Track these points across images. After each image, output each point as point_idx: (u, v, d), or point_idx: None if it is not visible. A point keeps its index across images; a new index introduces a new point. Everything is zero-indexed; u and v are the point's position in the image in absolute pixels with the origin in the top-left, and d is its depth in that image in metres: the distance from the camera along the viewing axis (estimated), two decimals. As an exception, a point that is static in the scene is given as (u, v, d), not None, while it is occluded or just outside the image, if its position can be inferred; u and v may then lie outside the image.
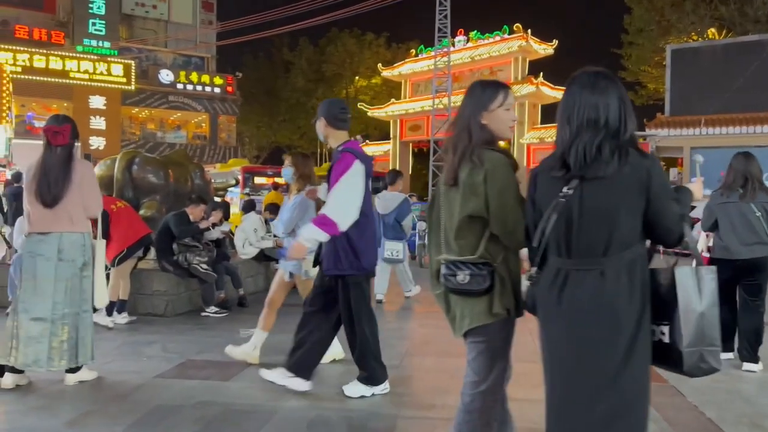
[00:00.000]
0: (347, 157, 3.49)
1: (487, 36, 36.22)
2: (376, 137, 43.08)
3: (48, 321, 3.69)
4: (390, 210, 7.35)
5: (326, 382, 4.01)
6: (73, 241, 3.76)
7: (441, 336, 5.62)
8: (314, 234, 3.35)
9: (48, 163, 3.73)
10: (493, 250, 2.24)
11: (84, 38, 34.22)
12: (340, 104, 3.75)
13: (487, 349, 2.31)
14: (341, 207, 3.38)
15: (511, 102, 2.35)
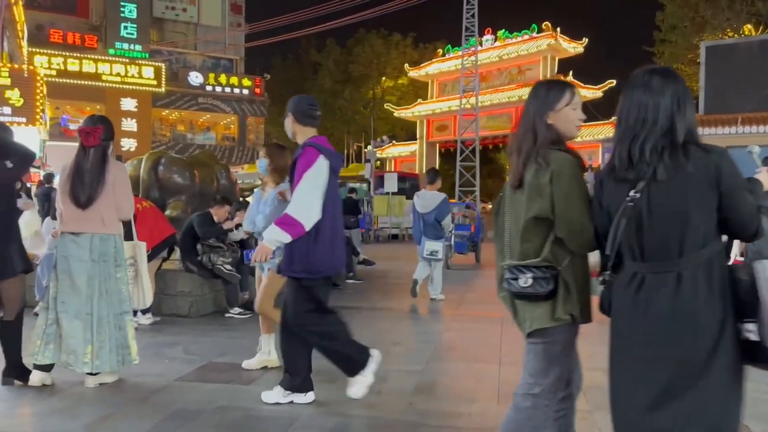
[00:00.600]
0: (310, 152, 3.31)
1: (515, 35, 35.84)
2: (402, 138, 42.98)
3: (86, 321, 3.69)
4: (430, 209, 7.37)
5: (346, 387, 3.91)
6: (104, 242, 3.76)
7: (468, 340, 5.49)
8: (278, 235, 3.21)
9: (81, 164, 3.72)
10: (558, 253, 2.18)
11: (116, 42, 34.84)
12: (308, 100, 3.60)
13: (543, 352, 2.24)
14: (306, 206, 3.23)
15: (579, 101, 2.31)
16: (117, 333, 3.79)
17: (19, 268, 3.83)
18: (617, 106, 2.01)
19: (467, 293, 8.43)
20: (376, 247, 16.89)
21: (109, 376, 3.89)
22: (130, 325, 3.89)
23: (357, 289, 8.63)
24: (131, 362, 3.87)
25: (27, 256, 3.96)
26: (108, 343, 3.73)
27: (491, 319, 6.52)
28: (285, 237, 3.20)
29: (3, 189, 3.84)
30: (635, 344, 1.91)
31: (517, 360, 4.73)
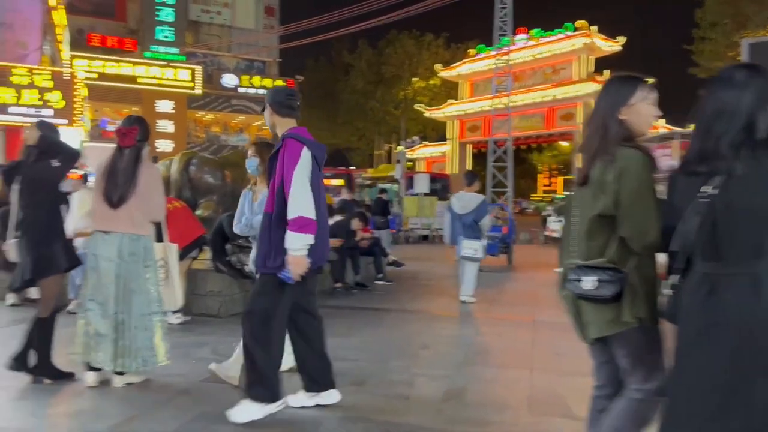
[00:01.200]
0: (293, 145, 3.17)
1: (549, 34, 35.37)
2: (433, 138, 42.79)
3: (113, 320, 3.70)
4: (468, 210, 7.40)
5: (373, 392, 3.83)
6: (133, 243, 3.75)
7: (499, 345, 5.35)
8: (303, 240, 3.07)
9: (116, 164, 3.75)
10: (624, 254, 2.10)
11: (152, 45, 35.51)
12: (286, 90, 3.48)
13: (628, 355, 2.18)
14: (307, 200, 3.10)
15: (654, 96, 2.23)
16: (142, 334, 3.77)
17: (63, 266, 3.88)
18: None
19: (499, 296, 8.27)
20: (406, 248, 16.78)
21: (136, 376, 3.89)
22: (158, 326, 3.86)
23: (386, 291, 8.55)
24: (156, 363, 3.84)
25: (73, 253, 3.99)
26: (132, 344, 3.72)
27: (523, 323, 6.36)
28: (309, 238, 3.10)
29: (48, 187, 3.91)
30: (705, 351, 1.78)
31: (550, 366, 4.60)
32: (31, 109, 16.55)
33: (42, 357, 3.88)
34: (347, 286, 8.38)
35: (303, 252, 3.09)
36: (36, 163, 3.91)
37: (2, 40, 17.33)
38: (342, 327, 5.91)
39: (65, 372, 3.95)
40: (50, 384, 3.83)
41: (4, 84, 16.19)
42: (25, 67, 16.64)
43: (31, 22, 18.08)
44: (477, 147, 39.53)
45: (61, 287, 4.03)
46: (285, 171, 3.12)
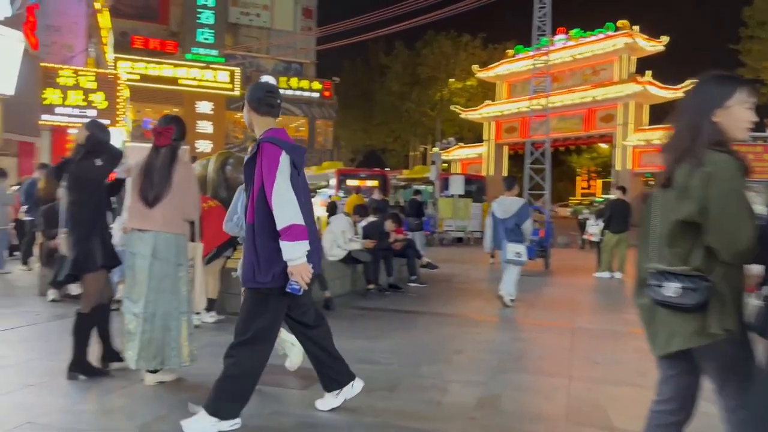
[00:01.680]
0: (271, 150, 2.98)
1: (589, 34, 34.69)
2: (470, 139, 42.46)
3: (141, 318, 3.71)
4: (510, 214, 7.46)
5: (404, 397, 3.74)
6: (167, 241, 3.76)
7: (535, 351, 5.20)
8: (300, 248, 2.91)
9: (152, 163, 3.77)
10: (711, 262, 1.99)
11: (193, 47, 36.19)
12: (266, 87, 3.26)
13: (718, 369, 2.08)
14: (293, 207, 2.94)
15: (754, 101, 2.10)
16: (167, 333, 3.77)
17: (98, 264, 3.90)
18: None
19: (536, 301, 8.08)
20: (441, 251, 16.63)
21: (168, 374, 3.90)
22: (184, 326, 3.85)
23: (419, 293, 8.45)
24: (179, 364, 3.83)
25: (111, 251, 4.02)
26: (157, 342, 3.73)
27: (561, 330, 6.19)
28: (306, 244, 2.95)
29: (92, 185, 3.97)
30: None
31: (588, 375, 4.44)
32: (75, 110, 17.02)
33: (78, 353, 3.92)
34: (380, 288, 8.31)
35: (303, 259, 2.93)
36: (81, 161, 3.98)
37: (50, 42, 17.86)
38: (374, 329, 5.85)
39: (100, 369, 3.99)
40: (85, 380, 3.87)
41: (51, 85, 16.67)
42: (71, 69, 17.10)
43: (77, 25, 18.59)
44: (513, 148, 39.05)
45: (103, 284, 4.04)
46: (265, 179, 2.95)
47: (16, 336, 5.10)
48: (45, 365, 4.20)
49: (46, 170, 9.45)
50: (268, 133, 3.09)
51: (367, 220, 8.96)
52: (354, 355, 4.72)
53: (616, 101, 33.18)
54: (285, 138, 3.10)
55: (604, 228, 11.50)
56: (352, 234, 8.10)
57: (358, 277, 8.31)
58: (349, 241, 7.95)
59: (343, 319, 6.40)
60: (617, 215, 11.23)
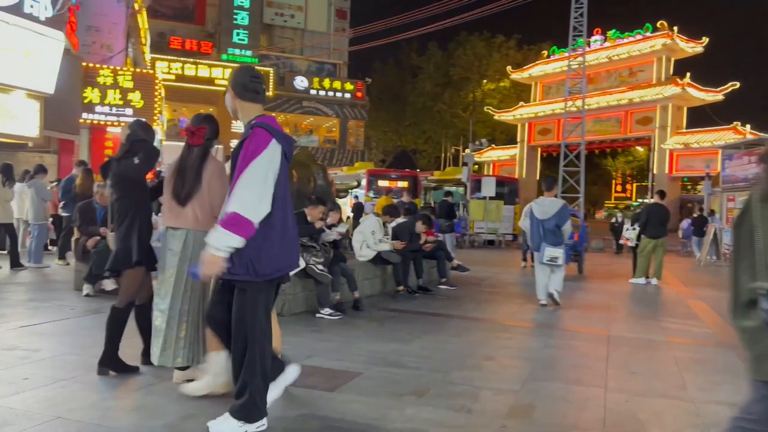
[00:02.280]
0: (260, 134, 2.81)
1: (626, 34, 34.06)
2: (502, 141, 42.05)
3: (166, 314, 3.72)
4: (550, 216, 7.48)
5: (433, 403, 3.66)
6: (197, 239, 3.73)
7: (569, 360, 5.05)
8: (227, 240, 2.70)
9: (184, 162, 3.78)
10: None
11: (228, 47, 36.69)
12: (250, 71, 3.09)
13: None
14: (254, 199, 2.71)
15: None
16: (192, 329, 3.76)
17: (132, 262, 3.93)
18: None
19: (569, 307, 7.89)
20: (471, 253, 16.46)
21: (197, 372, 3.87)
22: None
23: (449, 296, 8.34)
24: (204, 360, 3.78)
25: (147, 249, 4.03)
26: (183, 338, 3.72)
27: (596, 337, 6.01)
28: (236, 240, 2.72)
29: (131, 184, 4.00)
30: None
31: (625, 386, 4.28)
32: (114, 108, 17.36)
33: (109, 348, 3.95)
34: (409, 290, 8.22)
35: (222, 253, 2.72)
36: (122, 160, 4.04)
37: (90, 42, 18.26)
38: (402, 332, 5.77)
39: (130, 366, 4.01)
40: (114, 376, 3.88)
41: (91, 84, 17.03)
42: (109, 68, 17.45)
43: (116, 25, 18.97)
44: (547, 150, 38.56)
45: (141, 282, 4.06)
46: (242, 161, 2.75)
47: (50, 329, 5.18)
48: (77, 360, 4.24)
49: (84, 167, 9.63)
50: (259, 119, 2.92)
51: (397, 221, 8.89)
52: (383, 358, 4.67)
53: (654, 103, 32.48)
54: (276, 126, 2.93)
55: (640, 233, 11.21)
56: (382, 235, 8.04)
57: (388, 278, 8.25)
58: (379, 242, 7.89)
59: (372, 320, 6.34)
60: (655, 220, 10.92)
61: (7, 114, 12.86)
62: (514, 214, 21.02)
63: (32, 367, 3.97)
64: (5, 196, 9.12)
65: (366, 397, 3.70)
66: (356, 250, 7.95)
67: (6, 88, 12.58)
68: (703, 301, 8.96)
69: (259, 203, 2.73)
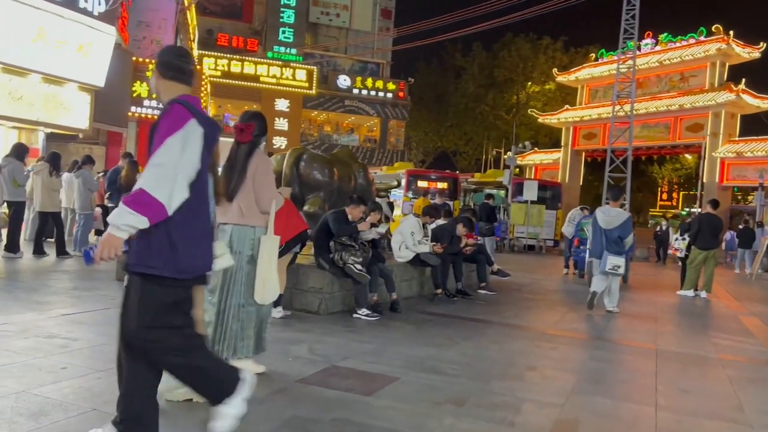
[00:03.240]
0: (178, 110, 2.50)
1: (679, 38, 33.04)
2: (545, 145, 41.38)
3: (215, 308, 3.76)
4: (614, 225, 7.63)
5: (473, 413, 3.51)
6: (242, 234, 3.79)
7: (616, 374, 4.83)
8: (129, 219, 2.32)
9: (232, 159, 3.82)
10: None
11: (274, 45, 37.06)
12: (176, 50, 2.82)
13: None
14: (167, 179, 2.37)
15: None
16: (236, 324, 3.77)
17: None
18: None
19: (613, 318, 7.61)
20: (511, 258, 16.17)
21: (255, 367, 3.88)
22: (253, 318, 3.83)
23: (488, 301, 8.15)
24: (248, 354, 3.83)
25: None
26: (227, 332, 3.74)
27: (644, 351, 5.75)
28: (140, 221, 2.33)
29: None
30: None
31: (676, 404, 4.04)
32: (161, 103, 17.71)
33: None
34: (448, 293, 8.07)
35: (123, 234, 2.34)
36: None
37: (140, 37, 18.67)
38: (440, 337, 5.63)
39: None
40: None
41: (140, 78, 17.40)
42: (158, 63, 17.80)
43: (166, 21, 19.35)
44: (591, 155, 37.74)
45: None
46: (156, 137, 2.45)
47: (90, 319, 5.23)
48: (114, 351, 4.24)
49: (129, 159, 9.78)
50: (181, 97, 2.63)
51: (437, 223, 8.74)
52: (420, 363, 4.54)
53: (706, 110, 31.42)
54: (200, 108, 2.63)
55: (690, 243, 10.77)
56: (422, 236, 7.90)
57: (426, 280, 8.11)
58: (418, 243, 7.76)
59: (409, 323, 6.22)
60: (706, 230, 10.48)
61: (60, 106, 13.22)
62: (556, 220, 20.58)
63: (71, 357, 3.98)
64: (52, 185, 9.33)
65: (403, 403, 3.58)
66: (395, 251, 7.84)
67: (59, 81, 12.93)
68: (757, 317, 8.54)
69: (172, 185, 2.39)
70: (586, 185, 40.15)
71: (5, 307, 5.36)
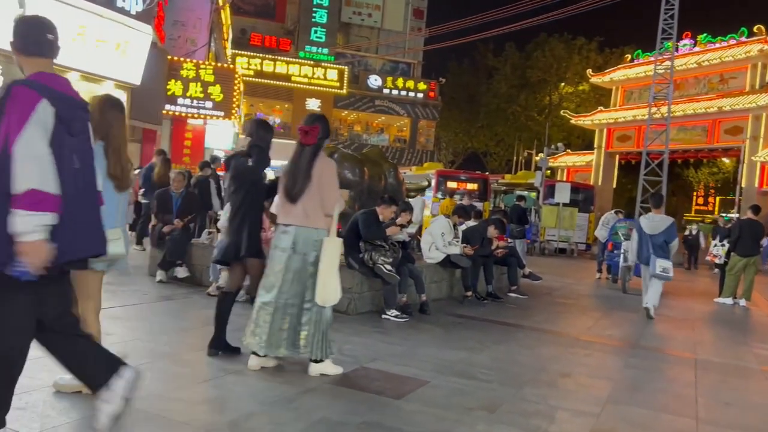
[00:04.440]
0: (24, 95, 2.26)
1: (719, 39, 32.17)
2: (578, 146, 40.74)
3: (271, 307, 3.85)
4: (659, 231, 7.84)
5: (506, 420, 3.42)
6: (306, 236, 3.88)
7: (654, 383, 4.68)
8: (35, 220, 2.18)
9: (296, 161, 3.90)
10: None
11: (306, 45, 37.29)
12: (36, 20, 2.50)
13: None
14: (43, 169, 2.21)
15: None
16: (295, 323, 3.87)
17: (242, 254, 4.10)
18: None
19: (648, 325, 7.40)
20: (542, 261, 15.92)
21: (333, 368, 3.96)
22: (312, 318, 3.91)
23: (519, 305, 8.01)
24: (298, 353, 3.92)
25: (255, 244, 4.16)
26: (285, 332, 3.85)
27: (682, 360, 5.57)
28: (47, 217, 2.21)
29: (244, 182, 4.14)
30: None
31: (718, 418, 3.89)
32: (195, 101, 17.93)
33: (218, 331, 4.15)
34: (478, 296, 7.96)
35: (38, 235, 2.20)
36: (240, 157, 4.20)
37: (175, 36, 18.95)
38: (471, 340, 5.54)
39: (233, 347, 4.18)
40: (185, 366, 3.87)
41: (175, 77, 17.65)
42: (192, 62, 18.03)
43: (201, 21, 19.61)
44: (625, 158, 37.03)
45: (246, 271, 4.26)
46: (10, 130, 2.23)
47: (123, 314, 5.28)
48: (146, 347, 4.28)
49: (162, 156, 9.91)
50: (30, 76, 2.39)
51: (468, 224, 8.63)
52: (451, 366, 4.46)
53: (746, 113, 30.52)
54: (52, 84, 2.38)
55: (730, 250, 10.44)
56: (452, 237, 7.80)
57: (456, 282, 8.01)
58: (449, 245, 7.67)
59: (439, 325, 6.14)
60: (747, 237, 10.15)
61: (97, 103, 13.47)
62: (588, 223, 20.21)
63: (104, 351, 4.01)
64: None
65: (434, 408, 3.51)
66: (425, 252, 7.76)
67: (97, 79, 13.18)
68: (801, 328, 8.23)
69: (47, 172, 2.24)
70: (619, 188, 39.43)
71: (41, 300, 5.45)
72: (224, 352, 4.14)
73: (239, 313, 4.59)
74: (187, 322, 5.28)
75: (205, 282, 6.91)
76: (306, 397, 3.50)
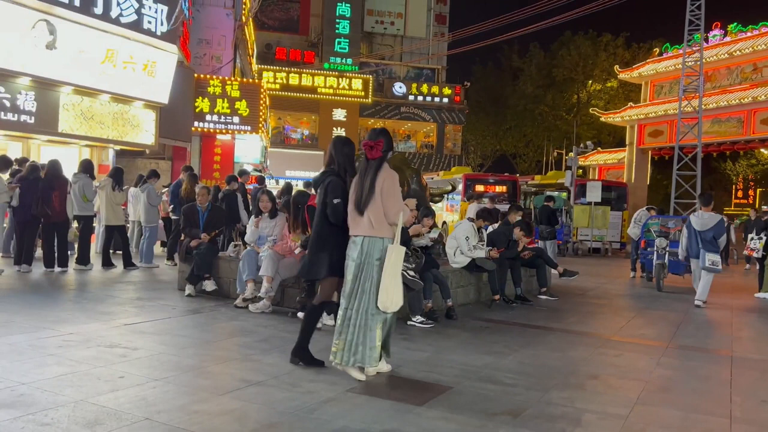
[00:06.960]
0: None
1: (750, 27, 31.32)
2: (609, 144, 40.09)
3: (346, 316, 4.02)
4: (708, 227, 8.44)
5: (531, 425, 3.35)
6: (372, 245, 4.02)
7: (686, 383, 4.54)
8: None
9: (363, 174, 4.05)
10: None
11: (330, 56, 37.62)
12: None
13: None
14: None
15: None
16: (362, 331, 3.98)
17: (323, 274, 4.23)
18: None
19: (683, 323, 7.20)
20: (575, 261, 15.65)
21: (386, 366, 4.22)
22: (378, 326, 4.03)
23: (549, 307, 7.88)
24: (373, 362, 4.03)
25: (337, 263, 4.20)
26: (353, 339, 3.98)
27: (716, 358, 5.39)
28: None
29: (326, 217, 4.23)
30: None
31: (755, 417, 3.74)
32: (222, 117, 18.22)
33: (302, 341, 4.30)
34: (506, 299, 7.86)
35: None
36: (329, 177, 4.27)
37: (201, 54, 19.32)
38: (498, 344, 5.47)
39: (317, 360, 4.31)
40: (214, 378, 3.91)
41: (201, 94, 17.98)
42: (218, 79, 18.34)
43: (225, 38, 19.95)
44: (658, 153, 36.26)
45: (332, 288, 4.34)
46: None
47: (151, 328, 5.37)
48: (172, 360, 4.33)
49: (189, 172, 10.07)
50: None
51: (493, 227, 8.54)
52: (476, 372, 4.41)
53: (783, 101, 29.57)
54: None
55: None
56: (477, 241, 7.73)
57: (483, 286, 7.93)
58: (474, 248, 7.60)
59: (465, 330, 6.08)
60: (786, 229, 9.82)
61: (128, 123, 13.81)
62: (622, 221, 19.82)
63: (129, 366, 4.09)
64: (116, 199, 9.70)
65: (456, 414, 3.47)
66: (450, 257, 7.71)
67: (127, 100, 13.52)
68: None
69: None
70: (653, 184, 38.57)
71: (73, 318, 5.58)
72: (306, 364, 4.28)
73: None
74: (212, 335, 5.34)
75: (232, 294, 6.99)
76: (327, 406, 3.49)
